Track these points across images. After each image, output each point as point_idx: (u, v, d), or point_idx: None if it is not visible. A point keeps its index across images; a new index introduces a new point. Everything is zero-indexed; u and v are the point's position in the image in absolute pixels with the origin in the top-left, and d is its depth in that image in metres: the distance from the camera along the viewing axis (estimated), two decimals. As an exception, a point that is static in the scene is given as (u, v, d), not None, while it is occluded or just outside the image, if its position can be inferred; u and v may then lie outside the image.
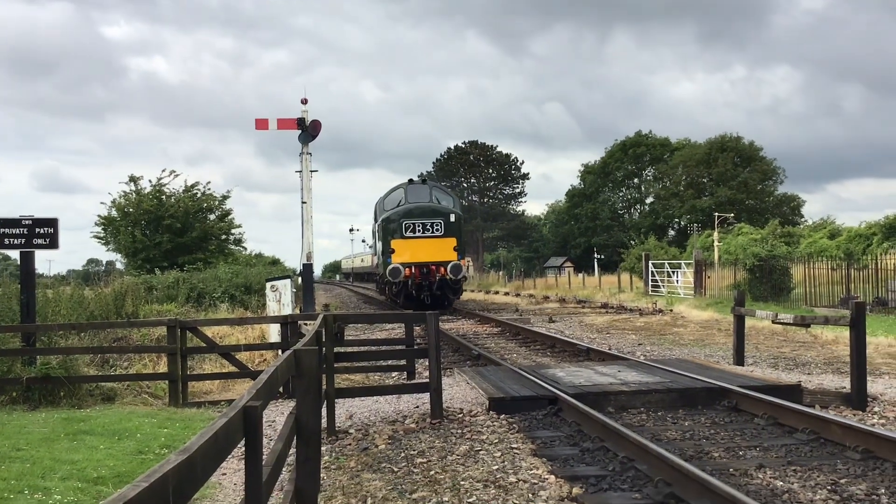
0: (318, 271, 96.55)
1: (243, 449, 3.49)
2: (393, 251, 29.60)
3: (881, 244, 47.10)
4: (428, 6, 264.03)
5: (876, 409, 9.72)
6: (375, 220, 34.65)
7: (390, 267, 28.95)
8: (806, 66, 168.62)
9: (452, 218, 30.45)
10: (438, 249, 29.69)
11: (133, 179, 37.74)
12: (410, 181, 33.13)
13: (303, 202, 26.24)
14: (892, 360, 14.91)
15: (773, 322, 12.62)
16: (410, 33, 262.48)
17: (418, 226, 29.86)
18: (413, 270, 29.27)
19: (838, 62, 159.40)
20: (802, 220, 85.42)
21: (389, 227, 30.27)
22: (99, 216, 38.24)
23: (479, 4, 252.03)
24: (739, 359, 13.56)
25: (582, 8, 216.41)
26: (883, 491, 6.28)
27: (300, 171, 26.32)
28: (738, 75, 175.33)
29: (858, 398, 9.87)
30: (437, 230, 29.91)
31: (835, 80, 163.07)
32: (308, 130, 25.95)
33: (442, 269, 29.53)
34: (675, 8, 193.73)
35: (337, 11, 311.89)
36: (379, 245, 32.48)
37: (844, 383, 10.84)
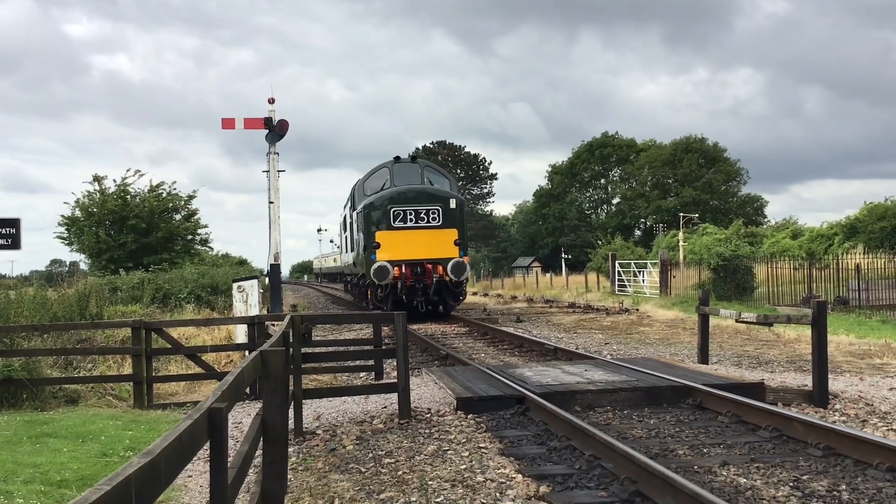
0: (285, 272, 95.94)
1: (209, 451, 3.47)
2: (378, 246, 24.32)
3: (842, 244, 47.91)
4: (393, 6, 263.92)
5: (837, 406, 9.89)
6: (353, 207, 28.60)
7: (375, 266, 23.72)
8: (768, 69, 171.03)
9: (453, 204, 25.02)
10: (436, 243, 24.47)
11: (97, 179, 37.24)
12: (397, 159, 27.02)
13: (270, 202, 26.04)
14: (853, 359, 15.18)
15: (737, 321, 12.78)
16: (376, 32, 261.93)
17: (410, 214, 24.46)
18: (404, 270, 24.16)
19: (800, 65, 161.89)
20: (765, 220, 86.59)
21: (373, 215, 24.86)
22: (62, 216, 37.69)
23: (444, 4, 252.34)
24: (704, 357, 13.72)
25: (548, 9, 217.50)
26: (844, 487, 6.39)
27: (267, 171, 26.12)
28: (701, 77, 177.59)
29: (820, 396, 10.03)
30: (434, 219, 24.57)
31: (796, 83, 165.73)
32: (275, 130, 25.76)
33: (440, 268, 24.40)
34: (640, 10, 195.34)
35: (301, 11, 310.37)
36: (358, 238, 26.87)
37: (807, 381, 11.01)
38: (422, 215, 24.49)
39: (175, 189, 38.88)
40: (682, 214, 48.72)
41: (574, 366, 12.69)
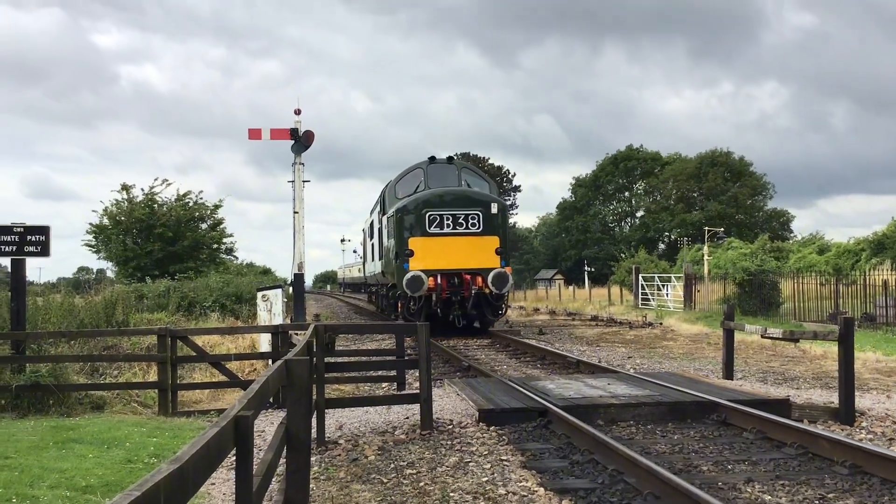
0: (308, 281, 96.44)
1: (233, 459, 3.50)
2: (411, 253, 22.33)
3: (869, 260, 47.35)
4: (417, 18, 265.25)
5: (864, 424, 9.77)
6: (382, 212, 26.62)
7: (408, 275, 21.79)
8: (793, 82, 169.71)
9: (494, 208, 22.93)
10: (475, 252, 22.45)
11: (125, 188, 37.67)
12: (432, 159, 25.08)
13: (294, 212, 26.22)
14: (880, 376, 14.98)
15: (763, 336, 12.67)
16: (400, 44, 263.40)
17: (447, 218, 22.42)
18: (439, 281, 22.12)
19: (826, 78, 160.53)
20: (792, 235, 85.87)
21: (406, 219, 22.86)
22: (90, 224, 38.15)
23: (468, 17, 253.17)
24: (729, 373, 13.60)
25: (573, 22, 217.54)
26: (870, 506, 6.32)
27: (292, 182, 26.31)
28: (726, 91, 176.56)
29: (846, 413, 9.91)
30: (474, 225, 22.52)
31: (822, 96, 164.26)
32: (301, 141, 25.96)
33: (479, 279, 22.38)
34: (665, 24, 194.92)
35: (326, 23, 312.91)
36: (389, 245, 24.87)
37: (833, 398, 10.89)
38: (460, 220, 22.45)
39: (201, 198, 39.27)
40: (706, 228, 48.36)
41: (597, 379, 12.63)
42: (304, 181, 26.41)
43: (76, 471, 8.00)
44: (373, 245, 31.87)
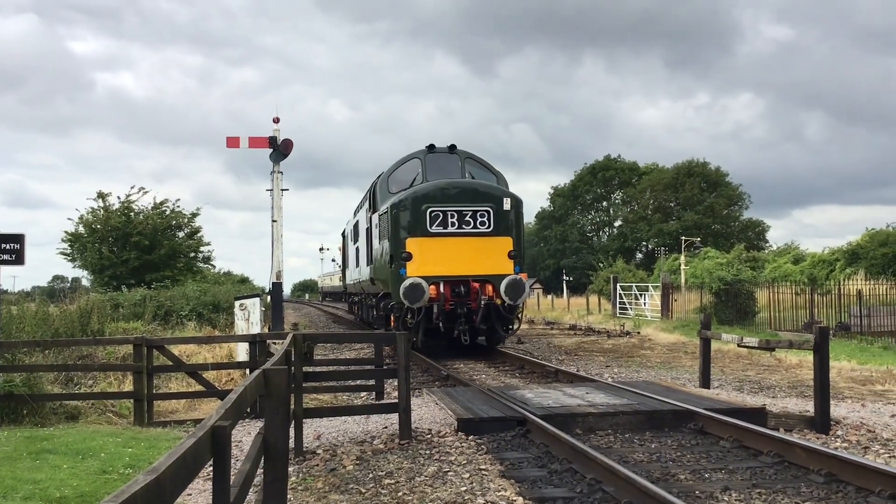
0: (287, 290, 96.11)
1: (210, 469, 3.47)
2: (408, 257, 19.02)
3: (843, 270, 47.93)
4: (395, 27, 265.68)
5: (839, 432, 9.86)
6: (372, 208, 23.29)
7: (407, 283, 18.48)
8: (769, 93, 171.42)
9: (507, 204, 19.58)
10: (485, 255, 19.20)
11: (101, 196, 37.37)
12: (431, 147, 21.84)
13: (273, 221, 26.07)
14: (855, 385, 15.14)
15: (739, 346, 12.76)
16: (379, 53, 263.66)
17: (452, 216, 19.12)
18: (442, 289, 18.87)
19: (801, 90, 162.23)
20: (767, 244, 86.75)
21: (402, 217, 19.46)
22: (66, 232, 37.80)
23: (446, 26, 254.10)
24: (705, 381, 13.69)
25: (551, 32, 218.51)
26: (845, 513, 6.37)
27: (271, 190, 26.17)
28: (702, 102, 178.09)
29: (822, 422, 10.00)
30: (483, 224, 19.18)
31: (797, 108, 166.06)
32: (280, 149, 25.84)
33: (489, 287, 19.17)
34: (643, 35, 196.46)
35: (305, 31, 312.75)
36: (380, 247, 21.44)
37: (808, 407, 10.98)
38: (467, 218, 19.14)
39: (179, 206, 39.02)
40: (683, 238, 48.72)
41: (575, 388, 12.66)
42: (282, 190, 26.28)
43: (50, 482, 7.90)
44: (357, 249, 28.96)
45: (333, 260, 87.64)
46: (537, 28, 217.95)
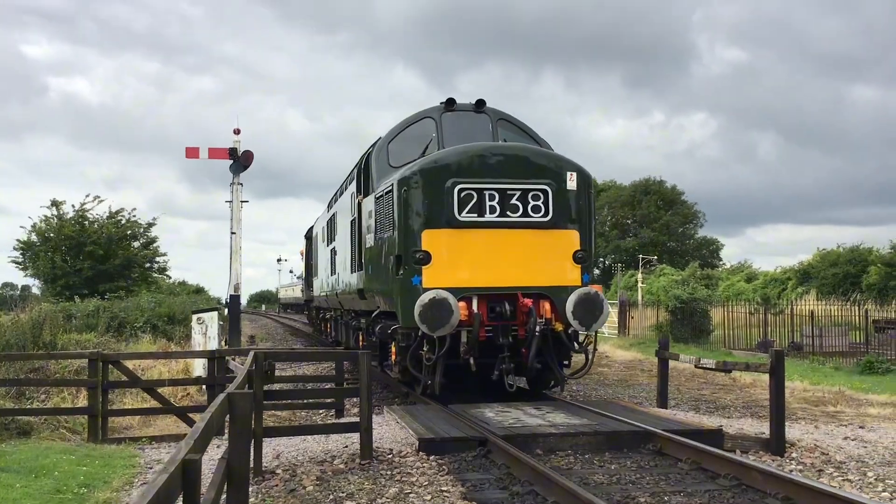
0: (244, 301, 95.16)
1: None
2: (425, 258, 12.59)
3: (795, 289, 48.90)
4: (356, 39, 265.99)
5: (794, 455, 10.03)
6: (362, 191, 16.18)
7: (426, 299, 11.96)
8: (722, 114, 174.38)
9: (572, 181, 13.24)
10: (540, 257, 12.97)
11: (55, 204, 36.72)
12: (450, 103, 15.02)
13: (232, 233, 25.86)
14: (808, 405, 15.43)
15: (696, 367, 12.95)
16: (339, 64, 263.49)
17: (490, 197, 12.67)
18: (476, 308, 12.57)
19: (754, 111, 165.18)
20: (721, 262, 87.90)
21: (414, 197, 12.76)
22: (18, 241, 37.05)
23: (406, 39, 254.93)
24: (663, 401, 13.85)
25: (513, 48, 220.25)
26: (801, 538, 6.47)
27: (230, 202, 25.97)
28: (657, 120, 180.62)
29: (777, 444, 10.17)
30: (537, 210, 12.86)
31: (749, 128, 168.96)
32: (240, 161, 25.67)
33: (546, 304, 12.94)
34: (604, 54, 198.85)
35: (263, 40, 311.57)
36: (377, 244, 14.33)
37: (763, 428, 11.16)
38: (513, 201, 12.73)
39: (134, 216, 38.46)
40: (640, 256, 49.29)
41: (535, 407, 12.70)
42: (242, 201, 26.10)
43: (3, 501, 7.72)
44: (332, 251, 21.86)
45: (291, 271, 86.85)
46: (498, 43, 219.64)
